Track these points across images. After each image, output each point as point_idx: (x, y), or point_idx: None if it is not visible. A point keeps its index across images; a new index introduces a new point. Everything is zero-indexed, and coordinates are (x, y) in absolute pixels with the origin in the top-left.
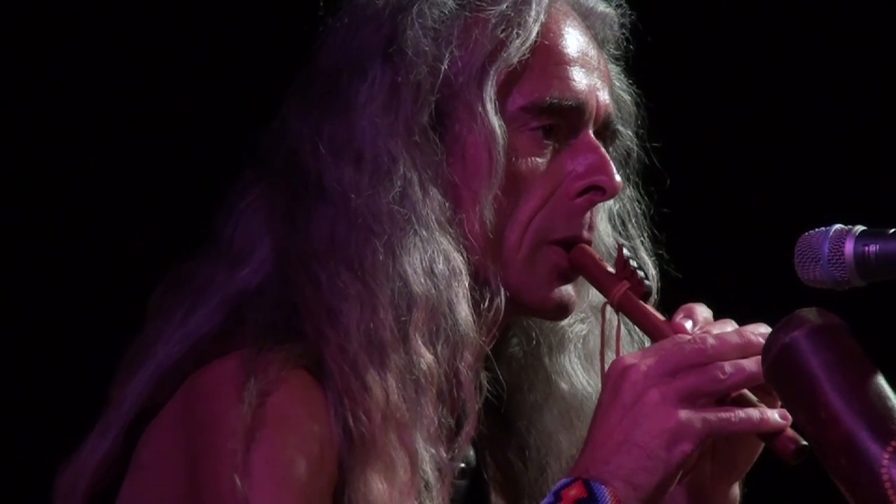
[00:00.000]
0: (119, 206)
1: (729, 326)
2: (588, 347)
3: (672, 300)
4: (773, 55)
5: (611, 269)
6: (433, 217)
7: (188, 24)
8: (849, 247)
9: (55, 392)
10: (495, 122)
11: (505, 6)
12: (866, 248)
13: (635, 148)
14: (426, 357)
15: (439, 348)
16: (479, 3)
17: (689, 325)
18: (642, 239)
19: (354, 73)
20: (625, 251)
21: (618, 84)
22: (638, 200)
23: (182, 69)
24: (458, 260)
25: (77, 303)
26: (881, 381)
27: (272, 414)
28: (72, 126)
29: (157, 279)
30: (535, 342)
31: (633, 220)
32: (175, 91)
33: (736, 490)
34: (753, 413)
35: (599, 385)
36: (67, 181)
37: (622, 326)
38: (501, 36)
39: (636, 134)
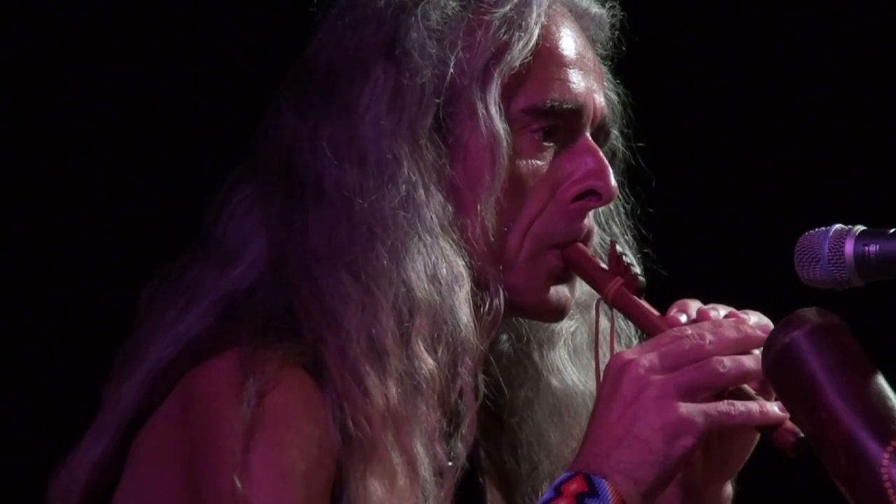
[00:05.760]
0: (107, 204)
1: (723, 310)
2: (577, 343)
3: (666, 300)
4: (771, 52)
5: (604, 266)
6: (436, 221)
7: (177, 21)
8: (849, 247)
9: (49, 394)
10: (499, 125)
11: (507, 8)
12: (866, 248)
13: (621, 147)
14: (428, 363)
15: (440, 353)
16: (480, 5)
17: (683, 318)
18: (626, 237)
19: (356, 73)
20: (617, 247)
21: (606, 84)
22: (624, 199)
23: (170, 66)
24: (460, 265)
25: (69, 303)
26: (881, 381)
27: (271, 413)
28: (60, 123)
29: (147, 278)
30: (525, 339)
31: (617, 219)
32: (162, 87)
33: (729, 488)
34: (753, 406)
35: (589, 381)
36: (56, 180)
37: (607, 322)
38: (504, 38)
39: (621, 133)
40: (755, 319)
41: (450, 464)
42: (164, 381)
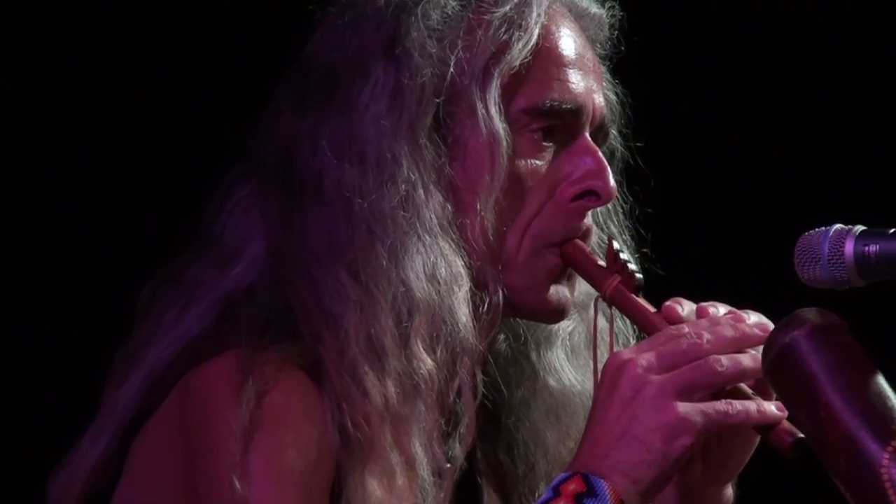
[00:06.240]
0: (107, 204)
1: (722, 308)
2: (574, 343)
3: (664, 300)
4: (771, 52)
5: (602, 263)
6: (435, 221)
7: (177, 20)
8: (849, 247)
9: (49, 394)
10: (499, 125)
11: (507, 8)
12: (866, 248)
13: (619, 147)
14: (426, 363)
15: (439, 353)
16: (481, 4)
17: (679, 309)
18: (624, 237)
19: (356, 72)
20: (615, 244)
21: (605, 84)
22: (622, 199)
23: (170, 65)
24: (459, 264)
25: (69, 303)
26: (881, 381)
27: (270, 415)
28: (60, 123)
29: (147, 278)
30: (522, 339)
31: (615, 219)
32: (162, 86)
33: (729, 491)
34: (751, 406)
35: (586, 380)
36: (56, 180)
37: (604, 321)
38: (504, 38)
39: (620, 133)
40: (754, 319)
41: (448, 465)
42: (164, 382)
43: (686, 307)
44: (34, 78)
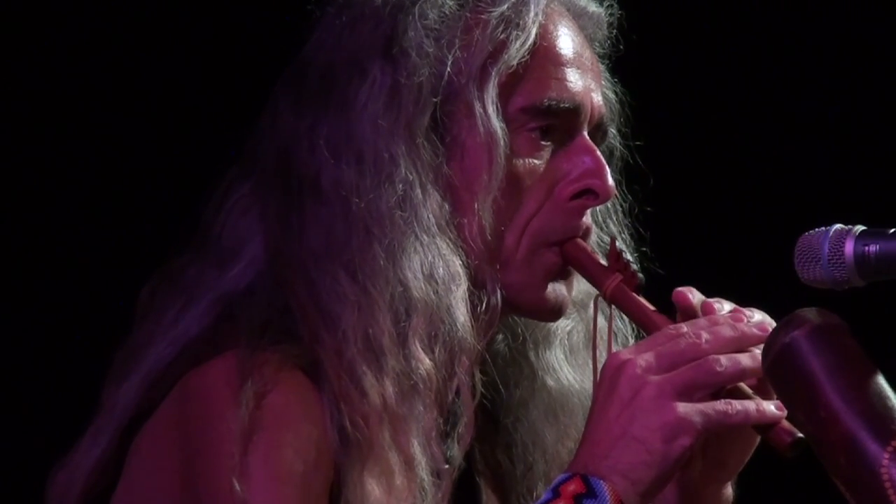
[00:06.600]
0: (106, 204)
1: (727, 305)
2: (573, 342)
3: (663, 299)
4: (770, 51)
5: (603, 262)
6: (433, 220)
7: (176, 20)
8: (849, 247)
9: (49, 394)
10: (497, 124)
11: (505, 7)
12: (866, 248)
13: (618, 146)
14: (425, 362)
15: (437, 353)
16: (478, 4)
17: (690, 296)
18: (624, 236)
19: (353, 71)
20: (617, 243)
21: (604, 83)
22: (621, 198)
23: (169, 65)
24: (457, 264)
25: (69, 303)
26: (881, 381)
27: (269, 416)
28: (59, 123)
29: (146, 277)
30: (521, 338)
31: (615, 217)
32: (161, 86)
33: (729, 490)
34: (750, 405)
35: (585, 379)
36: (56, 180)
37: (604, 320)
38: (501, 37)
39: (619, 132)
40: (758, 317)
41: (446, 465)
42: (163, 382)
43: (696, 296)
44: (34, 78)
